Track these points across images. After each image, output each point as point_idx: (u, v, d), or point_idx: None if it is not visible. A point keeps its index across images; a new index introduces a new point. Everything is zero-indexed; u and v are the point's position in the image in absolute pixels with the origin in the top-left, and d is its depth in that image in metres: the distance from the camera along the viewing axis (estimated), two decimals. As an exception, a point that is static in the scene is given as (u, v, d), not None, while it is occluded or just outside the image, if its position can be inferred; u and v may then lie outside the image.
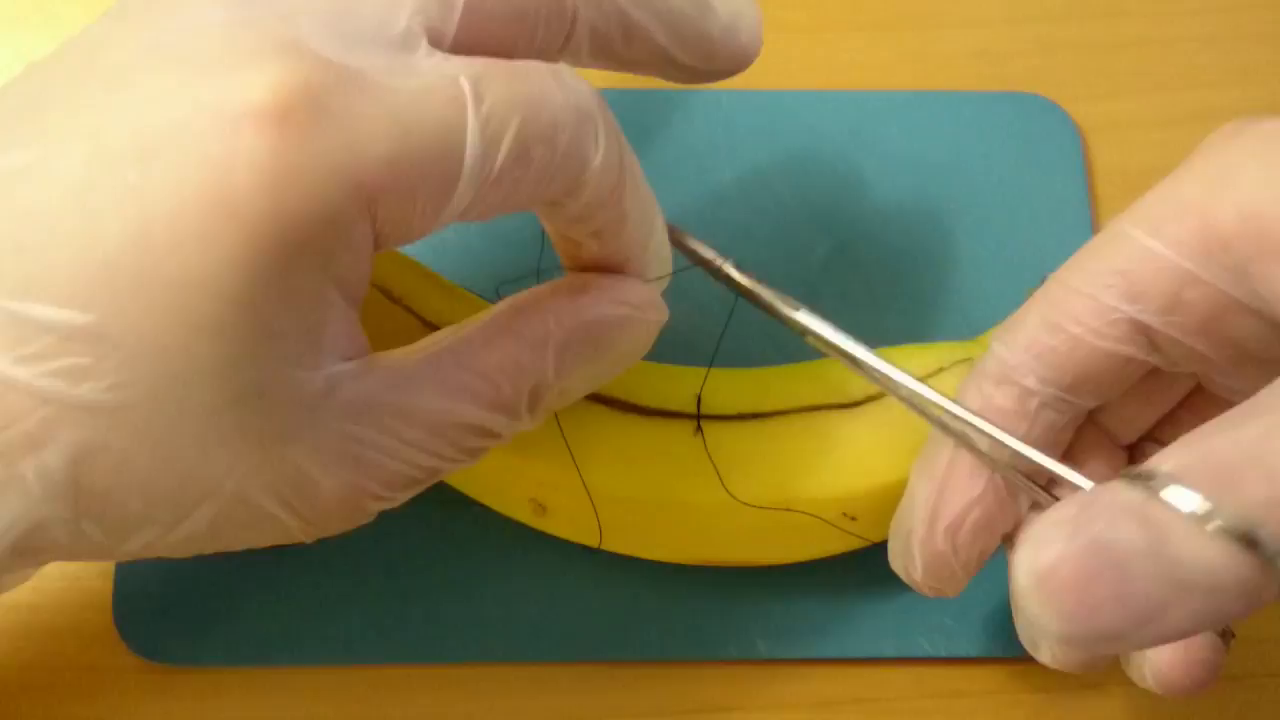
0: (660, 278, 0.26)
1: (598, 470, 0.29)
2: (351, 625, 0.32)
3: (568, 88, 0.22)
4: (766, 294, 0.27)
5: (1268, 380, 0.19)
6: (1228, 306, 0.24)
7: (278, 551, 0.32)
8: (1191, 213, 0.23)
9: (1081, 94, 0.38)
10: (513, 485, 0.30)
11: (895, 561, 0.29)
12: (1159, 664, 0.27)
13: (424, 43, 0.21)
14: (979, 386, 0.27)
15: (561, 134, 0.21)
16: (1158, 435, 0.29)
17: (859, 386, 0.30)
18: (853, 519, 0.30)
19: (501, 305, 0.24)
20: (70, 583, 0.32)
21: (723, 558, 0.31)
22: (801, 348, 0.31)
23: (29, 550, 0.21)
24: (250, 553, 0.32)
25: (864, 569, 0.32)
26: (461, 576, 0.32)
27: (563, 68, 0.22)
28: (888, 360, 0.31)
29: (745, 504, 0.29)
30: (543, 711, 0.31)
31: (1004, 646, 0.32)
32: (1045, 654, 0.28)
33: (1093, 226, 0.36)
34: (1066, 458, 0.28)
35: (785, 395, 0.30)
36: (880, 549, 0.31)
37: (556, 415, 0.29)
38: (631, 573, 0.32)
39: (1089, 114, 0.38)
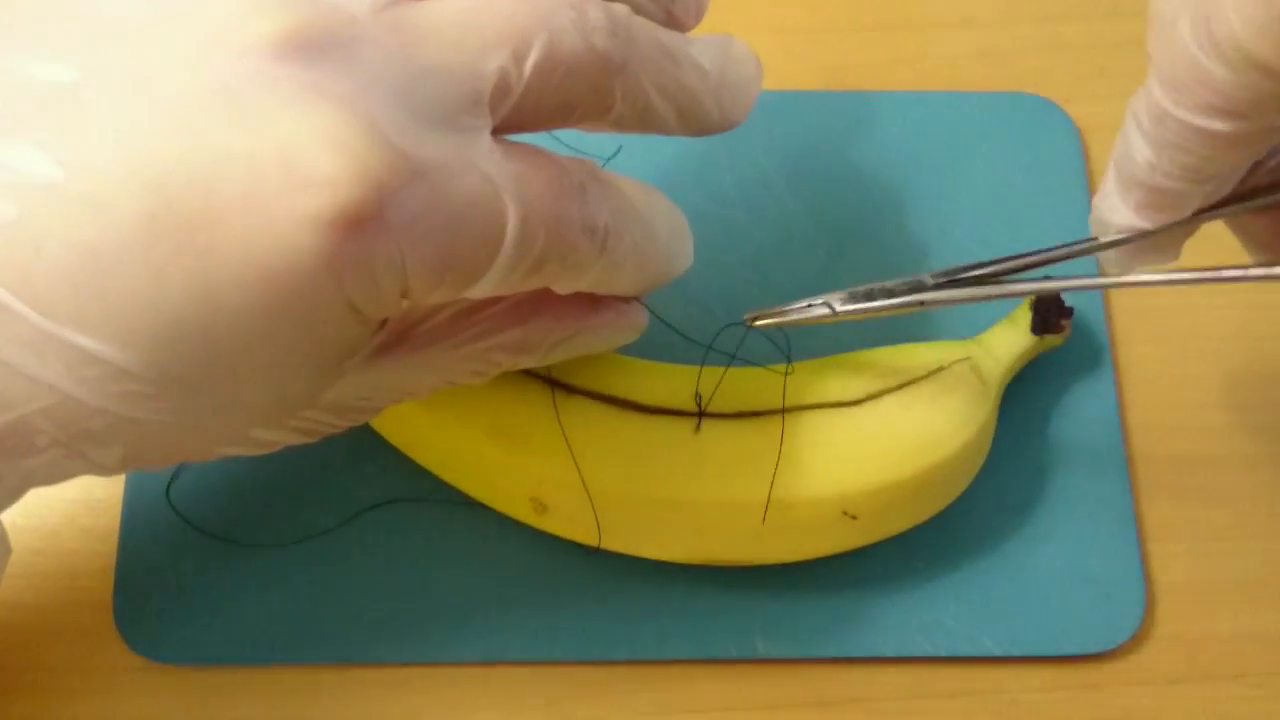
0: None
1: (598, 469, 0.29)
2: (351, 625, 0.32)
3: (587, 210, 0.24)
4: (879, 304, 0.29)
5: None
6: None
7: (278, 552, 0.32)
8: None
9: (1081, 94, 0.38)
10: (513, 484, 0.30)
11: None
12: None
13: (487, 135, 0.22)
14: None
15: (573, 254, 0.24)
16: None
17: (859, 386, 0.30)
18: (853, 518, 0.30)
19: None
20: (70, 582, 0.32)
21: (723, 558, 0.31)
22: (802, 347, 0.31)
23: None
24: (250, 553, 0.32)
25: (864, 569, 0.32)
26: (461, 576, 0.32)
27: (594, 184, 0.24)
28: (888, 361, 0.31)
29: (744, 501, 0.29)
30: (543, 711, 0.31)
31: (1004, 646, 0.32)
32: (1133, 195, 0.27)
33: (1093, 226, 0.36)
34: None
35: (786, 394, 0.30)
36: (880, 549, 0.31)
37: (557, 413, 0.29)
38: (631, 573, 0.32)
39: (1089, 114, 0.38)
